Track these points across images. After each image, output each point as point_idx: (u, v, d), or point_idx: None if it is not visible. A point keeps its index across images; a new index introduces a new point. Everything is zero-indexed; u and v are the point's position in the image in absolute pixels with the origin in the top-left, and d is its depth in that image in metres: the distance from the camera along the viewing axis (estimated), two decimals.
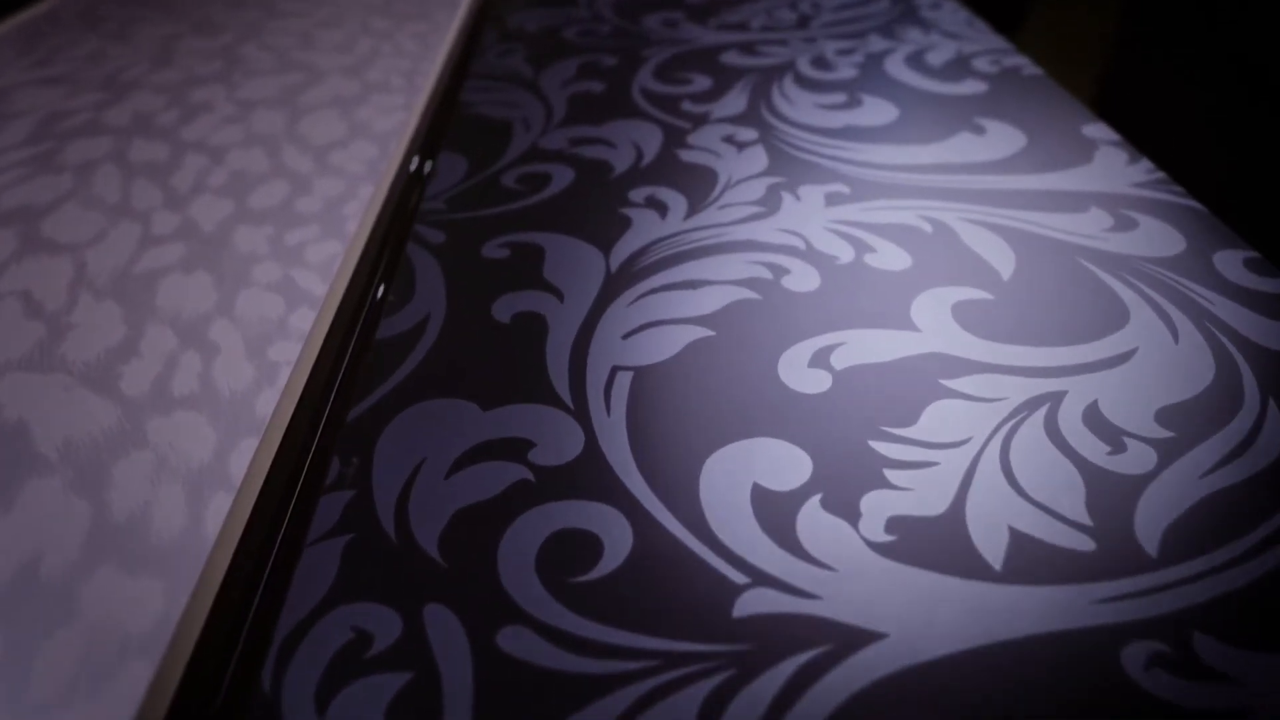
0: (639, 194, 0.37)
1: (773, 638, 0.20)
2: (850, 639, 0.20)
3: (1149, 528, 0.22)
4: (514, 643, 0.20)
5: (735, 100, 0.45)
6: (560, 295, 0.31)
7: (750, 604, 0.20)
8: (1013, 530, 0.22)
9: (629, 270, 0.32)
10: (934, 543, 0.22)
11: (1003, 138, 0.40)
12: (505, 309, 0.31)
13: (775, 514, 0.22)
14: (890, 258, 0.32)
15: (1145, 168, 0.37)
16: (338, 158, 0.42)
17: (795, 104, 0.44)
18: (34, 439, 0.26)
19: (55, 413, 0.27)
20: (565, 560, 0.22)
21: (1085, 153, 0.39)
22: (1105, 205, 0.35)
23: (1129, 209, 0.35)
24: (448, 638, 0.20)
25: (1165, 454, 0.24)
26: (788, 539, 0.22)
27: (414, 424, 0.26)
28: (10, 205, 0.39)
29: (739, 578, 0.21)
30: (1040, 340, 0.28)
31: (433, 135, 0.44)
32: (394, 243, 0.35)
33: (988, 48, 0.50)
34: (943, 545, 0.22)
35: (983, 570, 0.21)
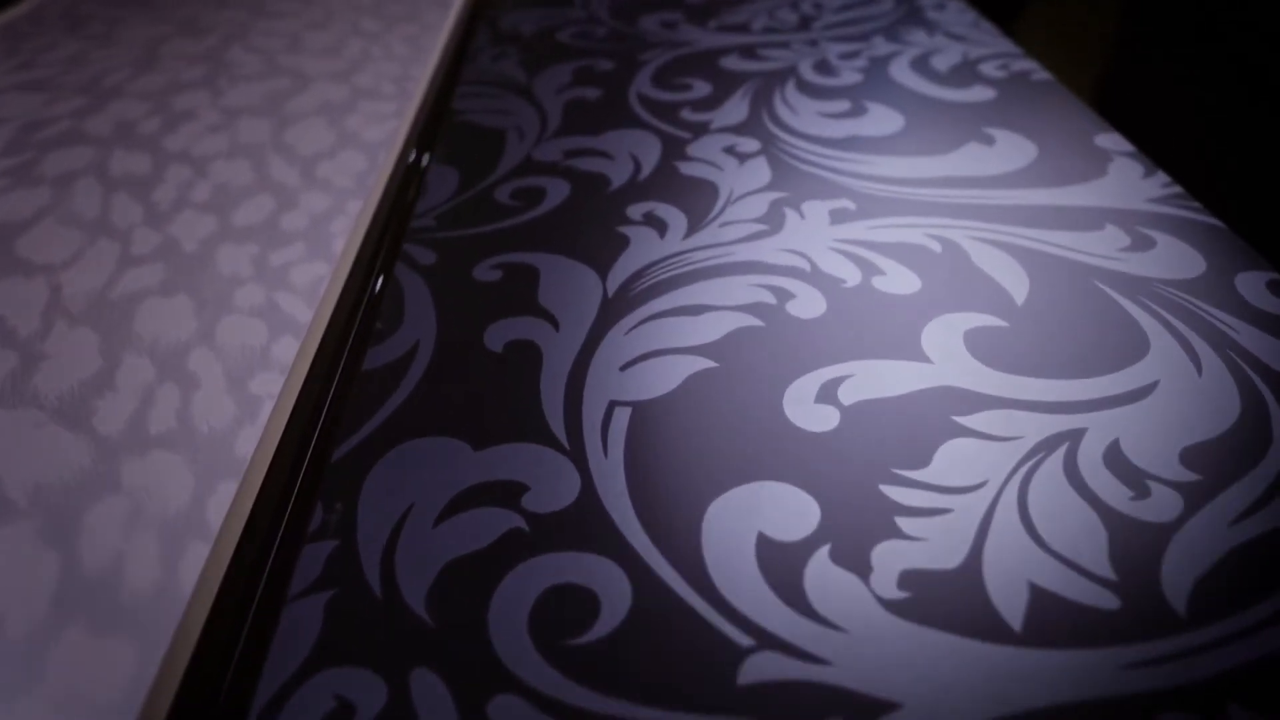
0: (637, 210, 0.36)
1: (779, 708, 0.19)
2: (861, 710, 0.18)
3: (1177, 582, 0.21)
4: (506, 714, 0.19)
5: (736, 108, 0.43)
6: (555, 322, 0.30)
7: (756, 670, 0.19)
8: (1033, 586, 0.21)
9: (626, 294, 0.31)
10: (949, 600, 0.20)
11: (1013, 148, 0.39)
12: (498, 337, 0.29)
13: (782, 567, 0.21)
14: (899, 280, 0.31)
15: (1161, 181, 0.36)
16: (325, 169, 0.40)
17: (798, 112, 0.43)
18: (2, 482, 0.25)
19: (26, 453, 0.26)
20: (560, 619, 0.20)
21: (1099, 165, 0.37)
22: (1121, 222, 0.34)
23: (1146, 226, 0.33)
24: (435, 705, 0.19)
25: (1191, 499, 0.23)
26: (795, 595, 0.21)
27: (401, 464, 0.25)
28: None
29: (744, 640, 0.20)
30: (1057, 372, 0.27)
31: (423, 146, 0.42)
32: (382, 264, 0.34)
33: (995, 51, 0.48)
34: (959, 603, 0.20)
35: (1001, 632, 0.20)
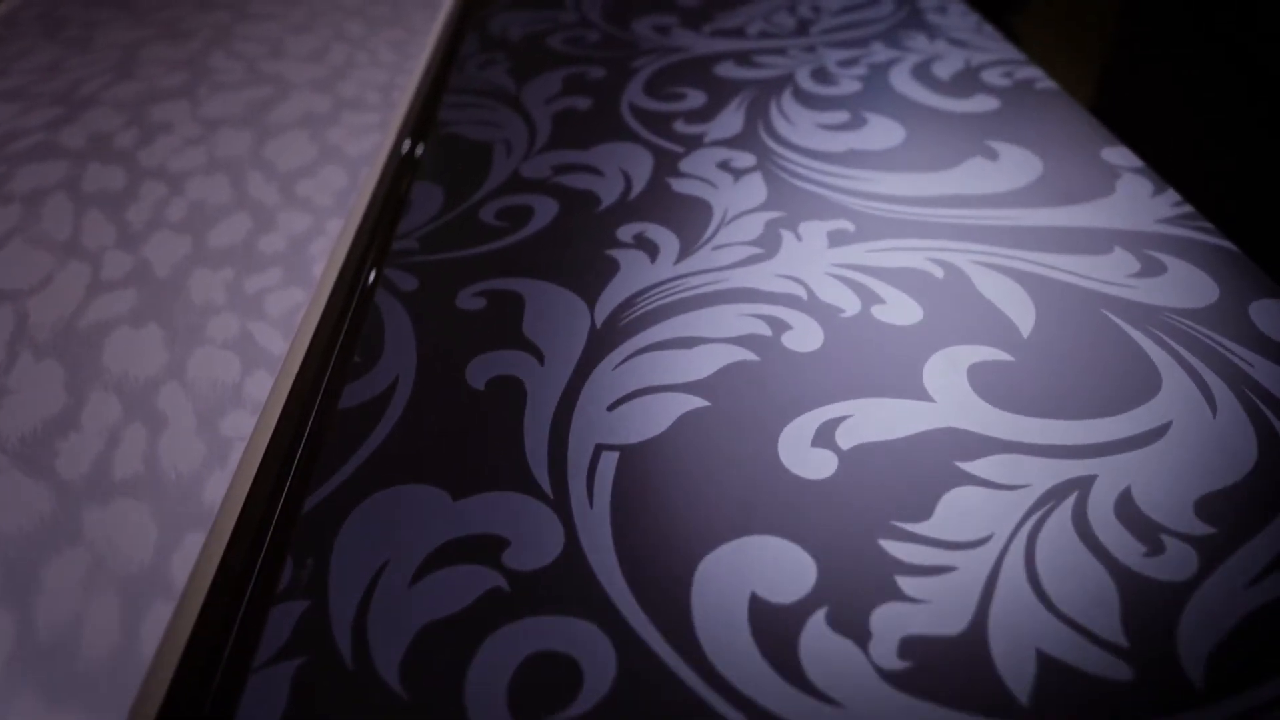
0: (627, 231, 0.34)
1: None
2: None
3: (1193, 649, 0.20)
4: None
5: (731, 119, 0.42)
6: (540, 355, 0.28)
7: None
8: (1041, 654, 0.20)
9: (615, 324, 0.30)
10: (953, 671, 0.19)
11: (1017, 164, 0.37)
12: (480, 372, 0.28)
13: (776, 633, 0.20)
14: (900, 310, 0.30)
15: (1170, 200, 0.35)
16: (305, 187, 0.39)
17: (795, 124, 0.41)
18: None
19: None
20: (541, 691, 0.19)
21: (1106, 182, 0.36)
22: (1130, 245, 0.32)
23: (1155, 249, 0.32)
24: None
25: (1207, 556, 0.21)
26: (790, 666, 0.20)
27: (377, 515, 0.24)
28: None
29: (735, 716, 0.19)
30: (1065, 412, 0.26)
31: (407, 163, 0.41)
32: (362, 291, 0.33)
33: (998, 58, 0.47)
34: (963, 674, 0.19)
35: (1008, 706, 0.19)
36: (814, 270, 0.32)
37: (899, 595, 0.21)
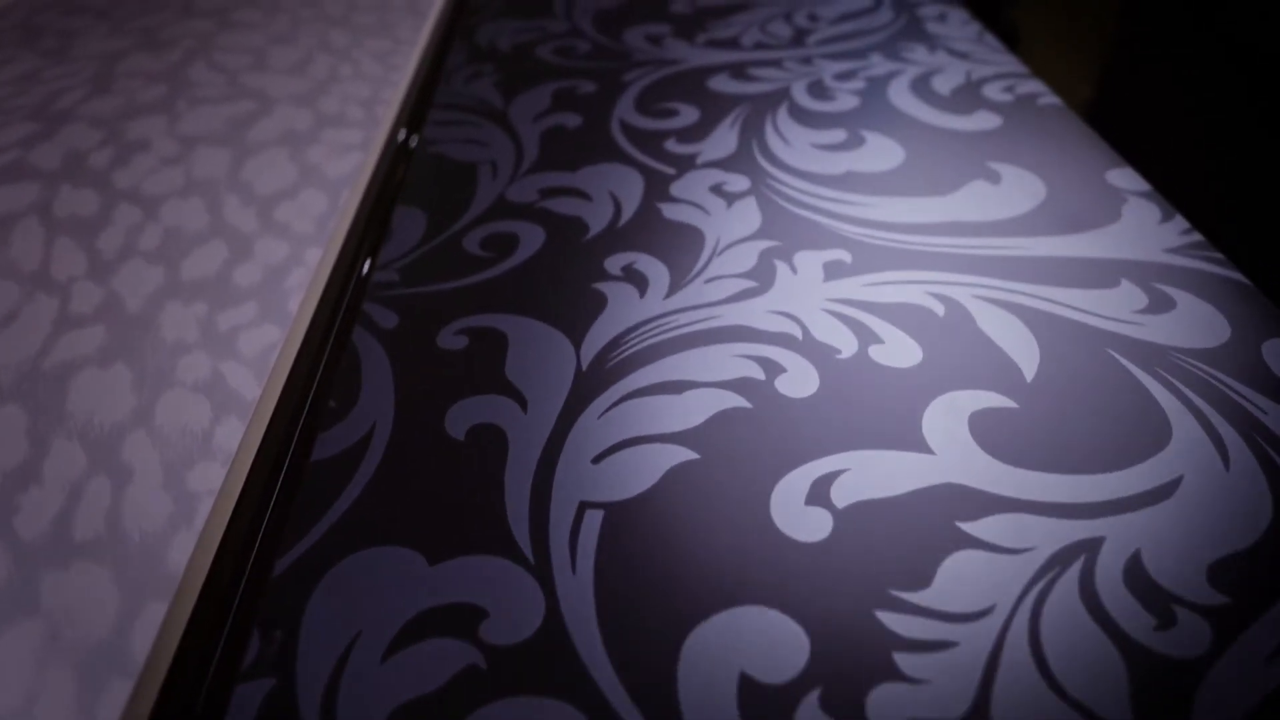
0: (616, 263, 0.33)
1: None
2: None
3: None
4: None
5: (724, 138, 0.41)
6: (523, 401, 0.27)
7: None
8: None
9: (602, 366, 0.28)
10: None
11: (1019, 188, 0.36)
12: (460, 420, 0.27)
13: (767, 717, 0.19)
14: (898, 350, 0.28)
15: (1179, 227, 0.34)
16: (284, 211, 0.38)
17: (791, 144, 0.40)
18: None
19: None
20: None
21: (1112, 207, 0.35)
22: (1137, 277, 0.31)
23: (1164, 282, 0.31)
24: None
25: (1222, 629, 0.20)
26: None
27: (349, 580, 0.22)
28: None
29: None
30: (1070, 465, 0.24)
31: (389, 185, 0.40)
32: (340, 329, 0.31)
33: (999, 70, 0.45)
34: None
35: None
36: (809, 306, 0.30)
37: (897, 674, 0.20)
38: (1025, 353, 0.28)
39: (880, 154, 0.39)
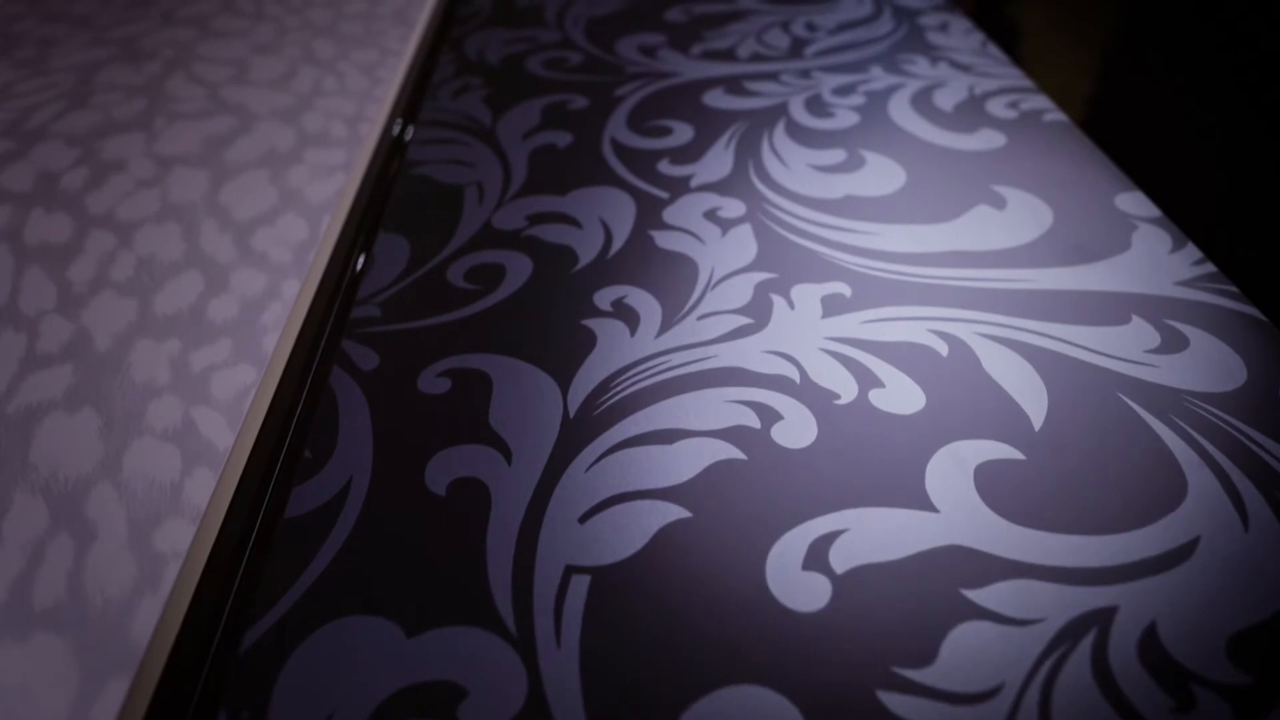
0: (606, 297, 0.32)
1: None
2: None
3: None
4: None
5: (719, 159, 0.39)
6: (508, 453, 0.26)
7: None
8: None
9: (590, 413, 0.27)
10: None
11: (1025, 213, 0.35)
12: (441, 473, 0.26)
13: None
14: (900, 395, 0.27)
15: (1190, 257, 0.32)
16: (262, 239, 0.36)
17: (788, 165, 0.39)
18: None
19: None
20: None
21: (1121, 235, 0.34)
22: (1148, 313, 0.30)
23: (1176, 319, 0.30)
24: None
25: (1244, 711, 0.19)
26: None
27: (323, 654, 0.21)
28: None
29: None
30: (1081, 525, 0.23)
31: (372, 211, 0.38)
32: (317, 371, 0.30)
33: (1003, 84, 0.44)
34: None
35: None
36: (807, 345, 0.29)
37: None
38: (1033, 398, 0.27)
39: (881, 176, 0.38)
